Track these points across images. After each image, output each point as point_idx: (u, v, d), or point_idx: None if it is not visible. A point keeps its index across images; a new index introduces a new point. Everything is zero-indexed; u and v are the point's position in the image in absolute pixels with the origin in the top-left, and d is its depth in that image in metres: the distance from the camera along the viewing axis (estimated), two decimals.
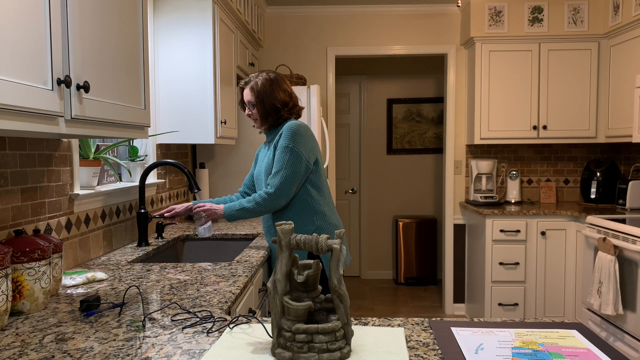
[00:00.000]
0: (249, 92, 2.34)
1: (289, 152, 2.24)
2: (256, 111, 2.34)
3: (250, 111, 2.36)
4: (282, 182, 2.23)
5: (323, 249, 1.12)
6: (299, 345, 1.08)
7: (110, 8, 1.58)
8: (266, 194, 2.25)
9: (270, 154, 2.30)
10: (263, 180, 2.34)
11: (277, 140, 2.29)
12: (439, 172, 6.04)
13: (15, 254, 1.42)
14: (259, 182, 2.40)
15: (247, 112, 2.37)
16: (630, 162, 4.27)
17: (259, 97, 2.31)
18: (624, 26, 3.75)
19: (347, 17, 4.59)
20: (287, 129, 2.27)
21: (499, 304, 3.96)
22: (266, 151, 2.39)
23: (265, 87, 2.32)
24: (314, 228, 2.32)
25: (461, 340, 1.21)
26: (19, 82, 1.12)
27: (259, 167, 2.41)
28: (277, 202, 2.25)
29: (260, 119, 2.35)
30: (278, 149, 2.26)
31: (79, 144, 2.20)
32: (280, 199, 2.24)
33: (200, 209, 2.37)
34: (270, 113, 2.32)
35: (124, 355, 1.13)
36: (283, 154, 2.24)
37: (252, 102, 2.33)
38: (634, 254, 2.89)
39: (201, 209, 2.37)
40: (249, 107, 2.36)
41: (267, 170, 2.30)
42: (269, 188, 2.25)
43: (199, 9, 2.94)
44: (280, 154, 2.25)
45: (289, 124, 2.29)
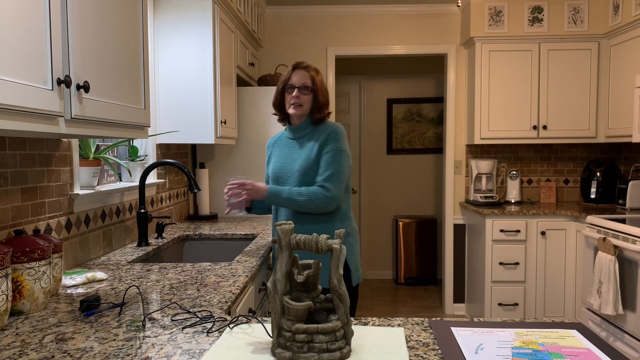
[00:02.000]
0: (308, 75, 2.20)
1: (346, 157, 2.19)
2: (309, 98, 2.20)
3: (301, 95, 2.19)
4: (339, 186, 2.15)
5: (323, 249, 1.12)
6: (299, 345, 1.08)
7: (110, 8, 1.58)
8: (325, 197, 2.12)
9: (309, 152, 2.18)
10: (296, 177, 2.19)
11: (323, 140, 2.18)
12: (439, 172, 6.04)
13: (15, 254, 1.42)
14: (283, 178, 2.25)
15: (295, 95, 2.18)
16: (630, 162, 4.27)
17: (318, 86, 2.21)
18: (624, 26, 3.75)
19: (347, 17, 4.59)
20: (338, 130, 2.20)
21: (499, 304, 3.96)
22: (291, 147, 2.26)
23: (323, 80, 2.26)
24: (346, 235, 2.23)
25: (461, 340, 1.21)
26: (19, 82, 1.12)
27: (284, 162, 2.25)
28: (330, 206, 2.15)
29: (312, 108, 2.22)
30: (332, 151, 2.16)
31: (79, 144, 2.20)
32: (334, 204, 2.16)
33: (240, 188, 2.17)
34: (321, 107, 2.22)
35: (124, 355, 1.13)
36: (339, 157, 2.16)
37: (310, 87, 2.20)
38: (634, 254, 2.89)
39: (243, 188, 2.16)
40: (302, 90, 2.19)
41: (306, 167, 2.17)
42: (328, 192, 2.12)
43: (199, 9, 2.94)
44: (335, 157, 2.15)
45: (339, 126, 2.23)
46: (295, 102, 2.20)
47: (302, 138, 2.26)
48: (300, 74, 2.21)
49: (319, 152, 2.17)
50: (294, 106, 2.21)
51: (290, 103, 2.21)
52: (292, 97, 2.20)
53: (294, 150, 2.26)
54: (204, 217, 3.45)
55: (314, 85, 2.21)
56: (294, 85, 2.20)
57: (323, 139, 2.19)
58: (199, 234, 2.87)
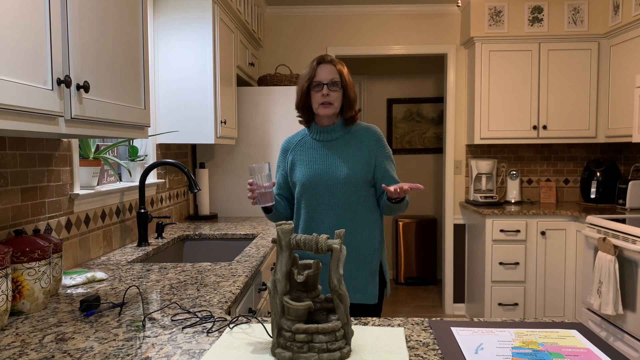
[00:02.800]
0: (335, 69, 2.00)
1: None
2: (339, 95, 2.00)
3: (331, 92, 1.98)
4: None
5: (323, 249, 1.12)
6: (299, 345, 1.08)
7: (110, 8, 1.58)
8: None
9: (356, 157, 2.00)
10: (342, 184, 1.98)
11: (373, 144, 2.02)
12: (439, 172, 6.04)
13: (15, 254, 1.42)
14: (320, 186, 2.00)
15: (325, 92, 1.96)
16: (630, 162, 4.27)
17: (347, 80, 2.02)
18: (624, 26, 3.75)
19: (347, 17, 4.59)
20: (382, 134, 2.09)
21: (499, 304, 3.96)
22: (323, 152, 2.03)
23: (349, 74, 2.06)
24: (380, 244, 2.08)
25: (461, 340, 1.21)
26: (19, 82, 1.12)
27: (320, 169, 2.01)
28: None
29: (345, 105, 2.03)
30: (389, 157, 2.05)
31: (79, 144, 2.20)
32: None
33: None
34: (352, 104, 2.03)
35: (124, 355, 1.13)
36: (393, 163, 2.08)
37: (339, 82, 2.00)
38: (634, 254, 2.89)
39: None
40: (331, 87, 1.98)
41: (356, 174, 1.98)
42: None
43: (199, 9, 2.94)
44: (393, 163, 2.07)
45: (377, 129, 2.10)
46: (326, 100, 1.97)
47: (337, 141, 2.04)
48: (326, 68, 2.00)
49: (370, 157, 2.01)
50: (325, 106, 1.98)
51: (320, 103, 1.98)
52: (321, 95, 1.97)
53: (329, 154, 2.03)
54: (204, 217, 3.45)
55: (343, 80, 2.01)
56: (321, 82, 1.98)
57: (373, 143, 2.03)
58: (199, 234, 2.87)
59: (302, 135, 2.13)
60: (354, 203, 2.00)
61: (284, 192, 2.16)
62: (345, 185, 1.98)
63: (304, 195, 2.04)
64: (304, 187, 2.03)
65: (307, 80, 2.01)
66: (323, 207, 2.01)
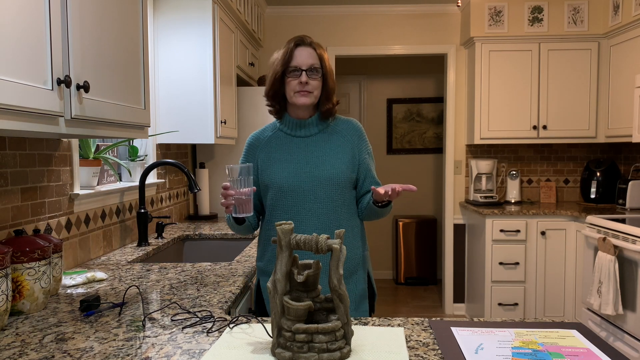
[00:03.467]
0: (315, 53, 1.75)
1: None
2: (319, 83, 1.75)
3: (311, 78, 1.73)
4: None
5: (323, 249, 1.12)
6: (299, 345, 1.08)
7: (111, 8, 1.58)
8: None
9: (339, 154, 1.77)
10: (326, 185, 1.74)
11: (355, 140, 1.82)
12: (439, 172, 6.04)
13: (15, 254, 1.42)
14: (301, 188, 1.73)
15: (304, 79, 1.71)
16: (630, 162, 4.27)
17: (327, 68, 1.78)
18: (624, 26, 3.75)
19: (347, 17, 4.59)
20: (362, 129, 1.87)
21: (499, 304, 3.96)
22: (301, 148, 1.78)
23: (329, 61, 1.81)
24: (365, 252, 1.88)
25: (461, 340, 1.20)
26: (19, 82, 1.12)
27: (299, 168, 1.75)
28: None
29: (322, 96, 1.78)
30: (371, 156, 1.87)
31: (79, 144, 2.20)
32: None
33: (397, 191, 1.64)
34: (330, 96, 1.79)
35: (124, 355, 1.13)
36: (374, 162, 1.89)
37: (319, 69, 1.75)
38: (634, 254, 2.89)
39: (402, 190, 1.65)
40: (311, 73, 1.72)
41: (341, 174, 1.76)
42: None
43: (199, 9, 2.94)
44: (373, 161, 1.88)
45: (359, 123, 1.89)
46: (304, 89, 1.72)
47: (315, 136, 1.80)
48: (306, 52, 1.74)
49: (354, 154, 1.80)
50: (302, 94, 1.72)
51: (296, 90, 1.73)
52: (299, 83, 1.72)
53: (308, 152, 1.77)
54: (204, 217, 3.45)
55: (324, 67, 1.76)
56: (299, 67, 1.72)
57: (356, 139, 1.82)
58: (199, 234, 2.87)
59: (273, 129, 1.84)
60: (339, 207, 1.76)
61: (254, 198, 1.83)
62: (330, 186, 1.73)
63: (281, 201, 1.74)
64: (281, 191, 1.74)
65: (282, 65, 1.74)
66: (304, 213, 1.72)
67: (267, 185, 1.77)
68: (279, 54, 1.76)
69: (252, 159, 1.82)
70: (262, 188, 1.80)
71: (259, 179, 1.80)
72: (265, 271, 1.82)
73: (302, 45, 1.75)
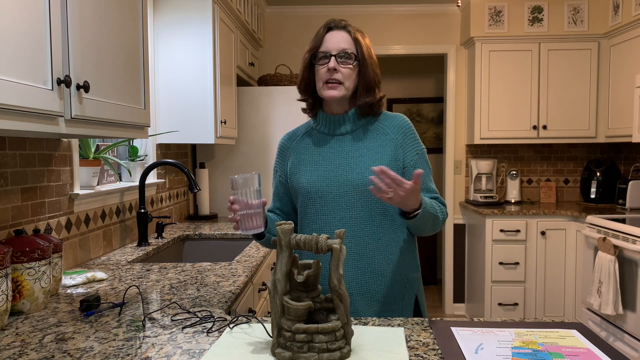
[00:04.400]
0: (350, 38, 1.51)
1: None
2: (353, 72, 1.51)
3: (341, 65, 1.49)
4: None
5: (323, 249, 1.12)
6: (299, 345, 1.08)
7: (111, 8, 1.58)
8: (446, 212, 1.56)
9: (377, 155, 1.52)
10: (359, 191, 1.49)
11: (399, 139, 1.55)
12: (439, 172, 6.04)
13: (15, 254, 1.42)
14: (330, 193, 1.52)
15: (332, 65, 1.48)
16: (630, 162, 4.27)
17: (366, 54, 1.52)
18: (624, 26, 3.75)
19: (347, 17, 4.56)
20: (412, 126, 1.60)
21: (499, 304, 3.96)
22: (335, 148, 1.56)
23: (371, 47, 1.56)
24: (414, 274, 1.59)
25: (461, 340, 1.20)
26: (19, 82, 1.12)
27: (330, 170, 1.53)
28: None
29: (360, 87, 1.54)
30: (422, 156, 1.56)
31: (79, 144, 2.20)
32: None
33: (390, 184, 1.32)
34: (371, 88, 1.54)
35: (124, 355, 1.13)
36: (429, 164, 1.61)
37: (354, 54, 1.51)
38: (634, 254, 2.89)
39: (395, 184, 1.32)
40: (341, 59, 1.49)
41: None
42: (445, 207, 1.56)
43: (199, 9, 2.94)
44: (428, 164, 1.59)
45: (407, 119, 1.62)
46: (333, 78, 1.49)
47: (352, 134, 1.57)
48: (337, 36, 1.50)
49: (398, 156, 1.53)
50: (330, 85, 1.50)
51: (324, 81, 1.50)
52: (327, 70, 1.49)
53: (341, 152, 1.55)
54: (204, 217, 3.45)
55: (360, 52, 1.51)
56: (328, 53, 1.49)
57: (400, 137, 1.55)
58: (199, 234, 2.87)
59: (307, 128, 1.66)
60: (377, 218, 1.50)
61: (284, 205, 1.68)
62: (365, 192, 1.48)
63: (309, 208, 1.55)
64: (308, 196, 1.55)
65: (310, 50, 1.53)
66: (335, 222, 1.51)
67: (296, 190, 1.59)
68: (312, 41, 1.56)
69: (282, 163, 1.65)
70: (293, 194, 1.62)
71: (289, 183, 1.62)
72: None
73: (334, 28, 1.52)
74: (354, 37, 1.51)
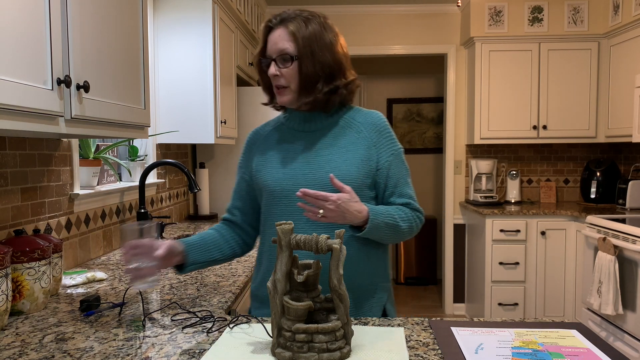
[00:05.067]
0: (286, 33, 1.38)
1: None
2: (293, 70, 1.38)
3: (281, 67, 1.38)
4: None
5: (323, 249, 1.12)
6: (299, 345, 1.08)
7: (110, 8, 1.58)
8: (420, 225, 1.46)
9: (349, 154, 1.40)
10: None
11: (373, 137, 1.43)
12: (439, 172, 6.04)
13: (15, 254, 1.41)
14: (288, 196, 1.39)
15: (274, 71, 1.38)
16: (630, 162, 4.27)
17: (303, 47, 1.36)
18: (624, 26, 3.75)
19: (347, 17, 4.59)
20: (387, 123, 1.48)
21: (499, 304, 3.96)
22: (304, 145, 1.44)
23: (317, 31, 1.38)
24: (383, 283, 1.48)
25: (461, 340, 1.20)
26: (19, 82, 1.12)
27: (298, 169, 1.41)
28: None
29: (300, 85, 1.39)
30: (397, 156, 1.45)
31: (79, 144, 2.20)
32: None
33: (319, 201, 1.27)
34: (312, 81, 1.38)
35: (124, 355, 1.13)
36: (405, 165, 1.49)
37: (292, 53, 1.37)
38: (634, 254, 2.89)
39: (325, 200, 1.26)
40: (279, 63, 1.38)
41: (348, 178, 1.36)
42: (422, 215, 1.46)
43: (199, 9, 2.94)
44: (404, 165, 1.47)
45: (382, 116, 1.48)
46: (278, 84, 1.40)
47: (322, 131, 1.46)
48: (275, 35, 1.39)
49: (371, 155, 1.41)
50: (279, 91, 1.42)
51: (274, 87, 1.43)
52: (272, 74, 1.40)
53: (310, 149, 1.43)
54: (204, 217, 3.45)
55: (298, 47, 1.36)
56: (269, 58, 1.41)
57: (373, 136, 1.43)
58: None
59: (276, 123, 1.55)
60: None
61: (244, 204, 1.53)
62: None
63: (273, 208, 1.42)
64: (273, 195, 1.42)
65: (257, 55, 1.45)
66: (301, 224, 1.38)
67: (261, 189, 1.47)
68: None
69: (247, 159, 1.53)
70: (257, 193, 1.50)
71: (254, 181, 1.50)
72: (257, 296, 1.49)
73: (273, 27, 1.40)
74: (290, 30, 1.37)
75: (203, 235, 1.47)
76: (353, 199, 1.29)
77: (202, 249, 1.43)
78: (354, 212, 1.29)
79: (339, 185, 1.29)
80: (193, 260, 1.40)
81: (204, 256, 1.43)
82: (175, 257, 1.35)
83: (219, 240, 1.48)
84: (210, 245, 1.46)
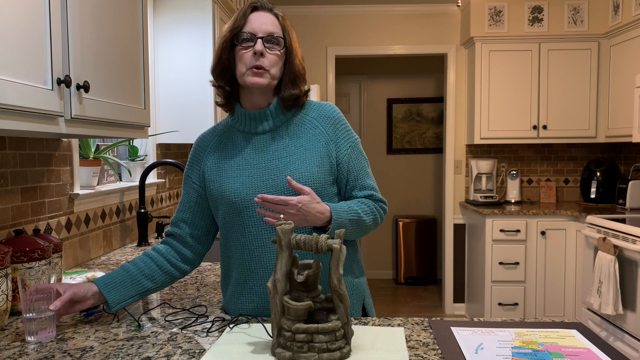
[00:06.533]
0: (277, 21, 1.35)
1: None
2: (279, 58, 1.33)
3: (268, 50, 1.30)
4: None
5: (323, 249, 1.12)
6: (299, 344, 1.08)
7: (110, 8, 1.58)
8: (383, 215, 1.45)
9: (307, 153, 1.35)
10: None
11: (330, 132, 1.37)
12: (439, 172, 6.04)
13: (15, 254, 1.42)
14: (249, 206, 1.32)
15: (259, 48, 1.28)
16: (630, 162, 4.27)
17: (292, 43, 1.36)
18: (624, 26, 3.75)
19: (347, 17, 4.59)
20: (341, 114, 1.43)
21: (499, 304, 3.96)
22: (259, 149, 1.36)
23: (295, 37, 1.39)
24: (361, 276, 1.48)
25: (461, 340, 1.21)
26: (19, 82, 1.12)
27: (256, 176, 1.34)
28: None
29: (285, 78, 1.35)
30: (355, 148, 1.41)
31: (79, 144, 2.20)
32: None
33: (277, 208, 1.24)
34: (296, 79, 1.36)
35: (124, 355, 1.13)
36: (364, 156, 1.45)
37: (282, 39, 1.33)
38: (634, 254, 2.89)
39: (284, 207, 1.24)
40: (268, 44, 1.30)
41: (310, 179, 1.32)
42: (385, 206, 1.45)
43: (199, 9, 2.94)
44: (363, 155, 1.44)
45: (335, 107, 1.43)
46: (259, 64, 1.29)
47: (275, 131, 1.38)
48: (264, 17, 1.33)
49: (330, 150, 1.36)
50: (257, 72, 1.30)
51: (249, 66, 1.30)
52: (253, 54, 1.29)
53: (267, 152, 1.36)
54: None
55: (289, 39, 1.35)
56: (254, 34, 1.30)
57: (330, 130, 1.38)
58: None
59: (225, 126, 1.44)
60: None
61: (195, 217, 1.43)
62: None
63: (235, 220, 1.35)
64: (233, 207, 1.34)
65: (231, 30, 1.32)
66: (267, 234, 1.33)
67: (217, 201, 1.37)
68: (230, 21, 1.35)
69: (196, 168, 1.42)
70: (212, 204, 1.40)
71: (207, 192, 1.40)
72: (230, 309, 1.42)
73: (261, 9, 1.34)
74: (282, 22, 1.35)
75: (127, 268, 1.37)
76: (314, 200, 1.26)
77: (126, 284, 1.34)
78: (315, 214, 1.26)
79: (297, 187, 1.25)
80: (118, 299, 1.32)
81: (131, 291, 1.35)
82: (87, 300, 1.29)
83: (149, 268, 1.38)
84: (136, 276, 1.36)
